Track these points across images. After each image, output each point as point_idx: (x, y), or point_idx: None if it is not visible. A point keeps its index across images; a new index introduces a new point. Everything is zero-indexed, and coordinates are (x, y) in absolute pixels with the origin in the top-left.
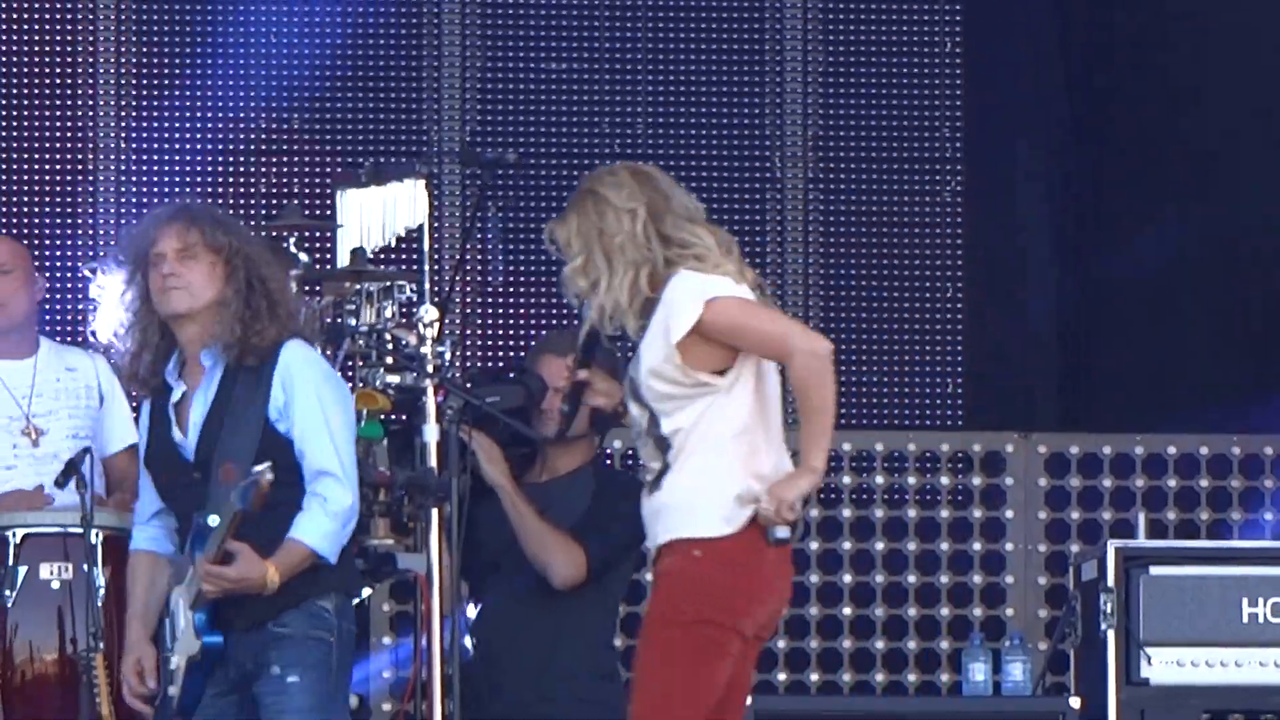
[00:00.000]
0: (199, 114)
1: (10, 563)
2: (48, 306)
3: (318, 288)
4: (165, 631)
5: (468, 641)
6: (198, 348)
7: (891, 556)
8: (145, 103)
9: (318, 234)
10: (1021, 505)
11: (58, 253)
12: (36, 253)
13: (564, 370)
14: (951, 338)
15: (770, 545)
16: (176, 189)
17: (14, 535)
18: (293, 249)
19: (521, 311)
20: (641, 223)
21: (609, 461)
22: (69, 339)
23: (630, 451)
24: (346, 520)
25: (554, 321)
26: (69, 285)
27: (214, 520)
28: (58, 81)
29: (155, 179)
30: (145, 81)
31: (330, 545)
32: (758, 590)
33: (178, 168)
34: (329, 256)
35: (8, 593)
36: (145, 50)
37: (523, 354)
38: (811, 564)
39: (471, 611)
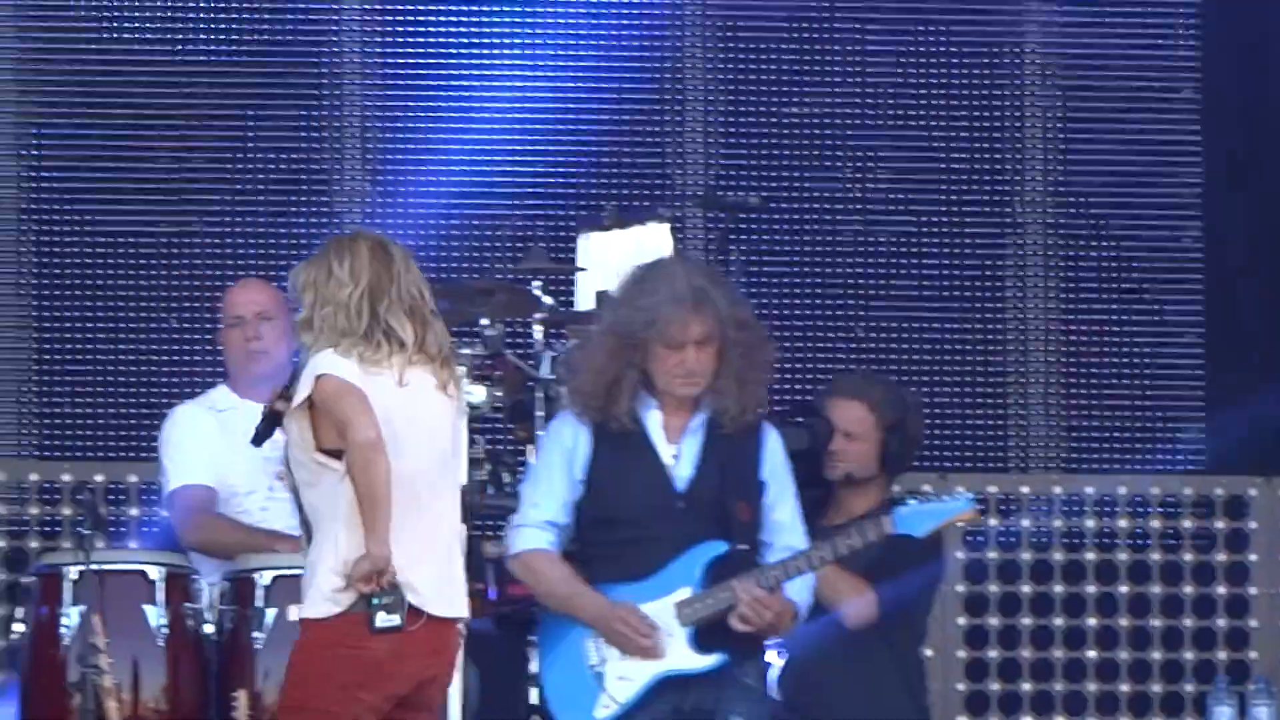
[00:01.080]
0: (444, 157)
1: (259, 604)
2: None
3: (560, 331)
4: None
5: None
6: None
7: (1135, 600)
8: (390, 145)
9: (561, 277)
10: (1265, 549)
11: None
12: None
13: (856, 412)
14: (1193, 382)
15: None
16: (421, 232)
17: (262, 577)
18: (537, 291)
19: None
20: (359, 295)
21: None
22: None
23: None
24: None
25: (797, 365)
26: None
27: (711, 550)
28: (304, 125)
29: (401, 221)
30: (390, 125)
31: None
32: None
33: (423, 210)
34: (572, 299)
35: (257, 634)
36: (390, 93)
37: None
38: (1056, 607)
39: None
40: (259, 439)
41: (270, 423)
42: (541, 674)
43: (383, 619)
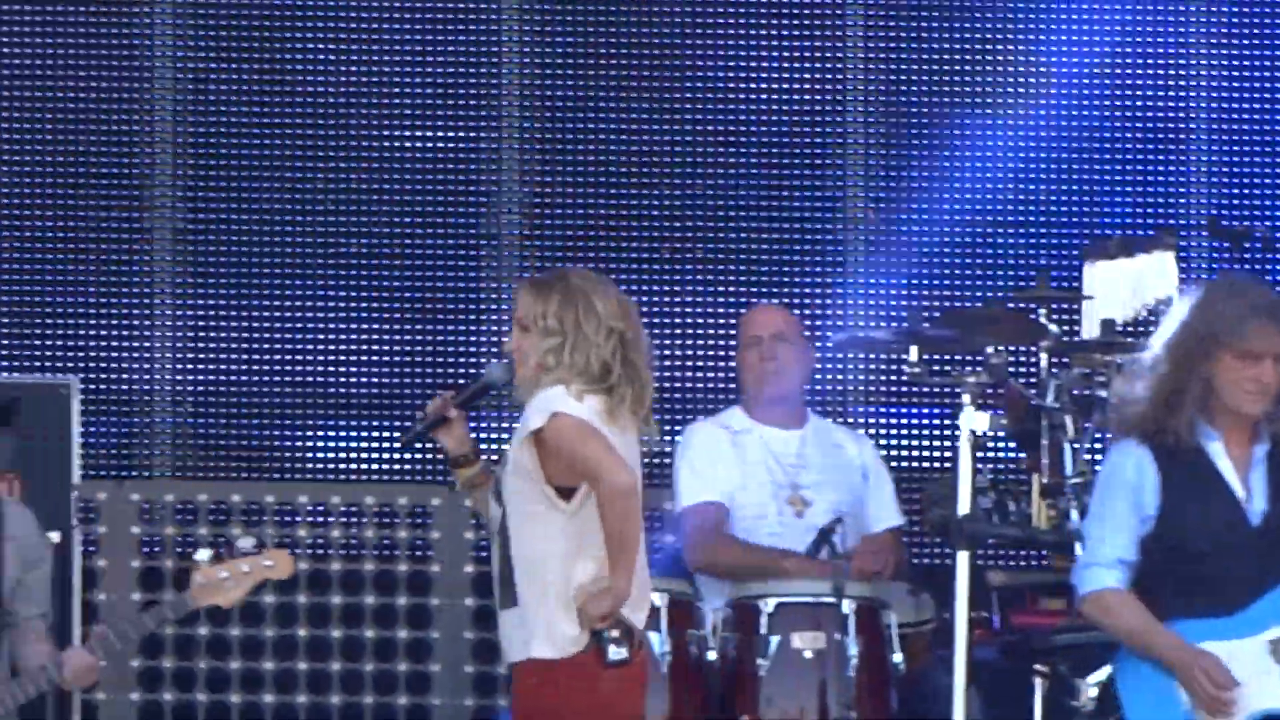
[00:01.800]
0: (946, 184)
1: (763, 631)
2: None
3: (1065, 359)
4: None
5: None
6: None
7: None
8: (893, 172)
9: (1066, 305)
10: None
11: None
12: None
13: None
14: None
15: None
16: (925, 258)
17: (766, 604)
18: (1043, 320)
19: None
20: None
21: None
22: (823, 411)
23: None
24: None
25: None
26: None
27: None
28: (811, 152)
29: (904, 248)
30: (893, 151)
31: None
32: None
33: (927, 236)
34: (1077, 328)
35: (760, 661)
36: (892, 118)
37: None
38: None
39: None
40: (412, 440)
41: (431, 426)
42: (1128, 715)
43: (614, 652)
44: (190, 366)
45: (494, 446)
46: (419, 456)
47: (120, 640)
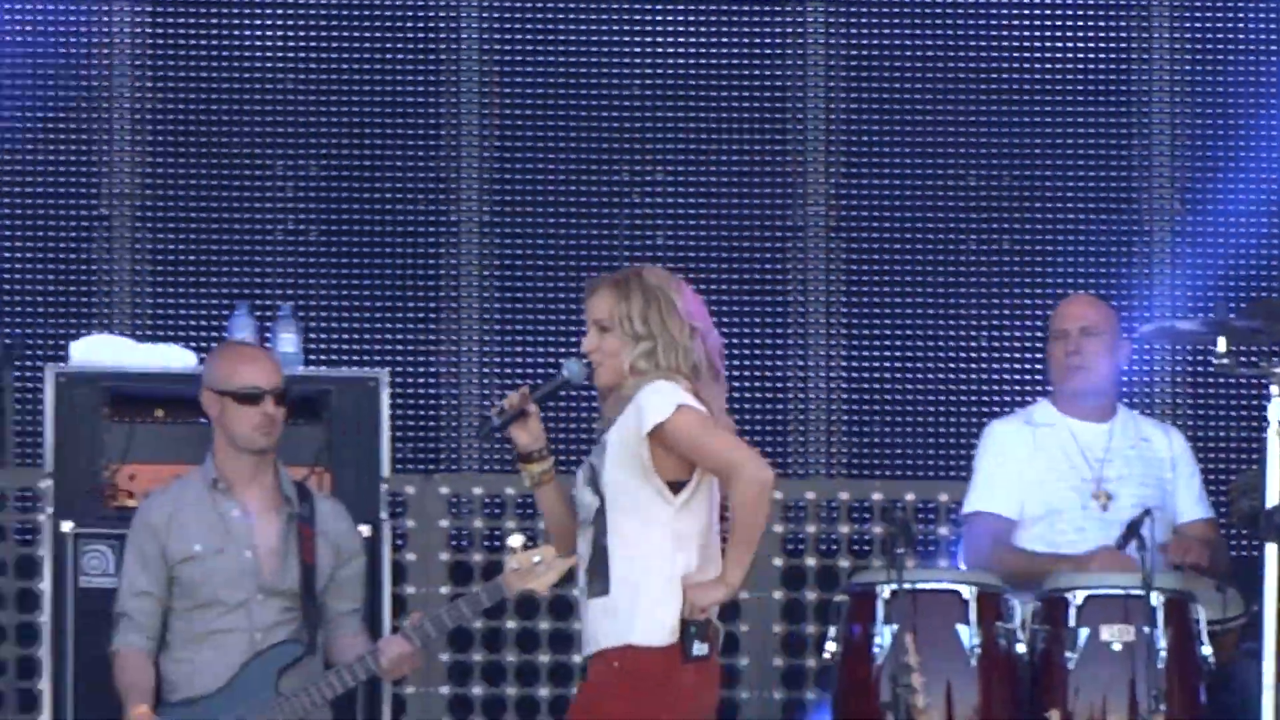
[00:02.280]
0: (1254, 172)
1: (1071, 624)
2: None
3: None
4: None
5: None
6: None
7: None
8: (1200, 162)
9: None
10: None
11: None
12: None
13: None
14: None
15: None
16: (1232, 250)
17: (1075, 597)
18: None
19: None
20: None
21: None
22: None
23: None
24: None
25: None
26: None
27: None
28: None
29: (1210, 240)
30: (1200, 140)
31: None
32: None
33: (1233, 228)
34: None
35: (1069, 654)
36: (1202, 108)
37: None
38: None
39: None
40: (490, 433)
41: (510, 420)
42: None
43: (698, 647)
44: (496, 360)
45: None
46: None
47: (435, 629)
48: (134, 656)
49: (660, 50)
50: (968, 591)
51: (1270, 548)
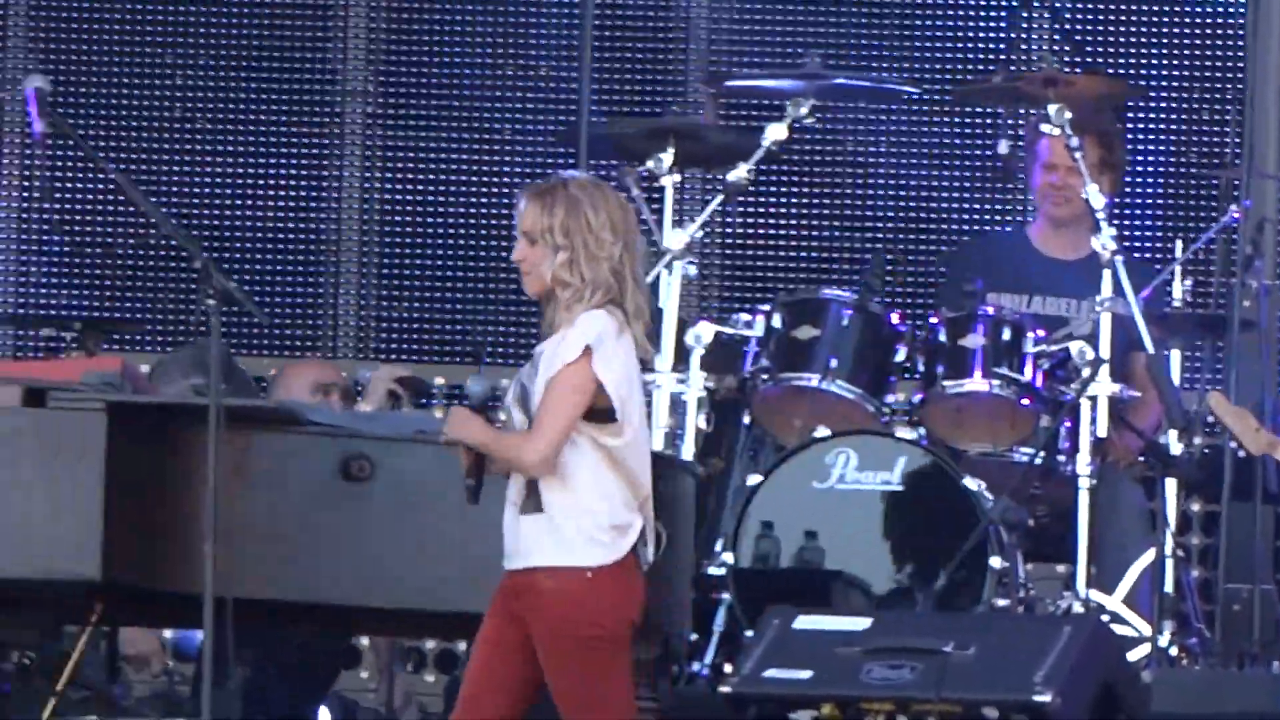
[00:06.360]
0: None
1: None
2: None
3: None
4: None
5: None
6: None
7: None
8: None
9: None
10: None
11: None
12: None
13: None
14: None
15: None
16: None
17: None
18: None
19: None
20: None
21: None
22: None
23: None
24: None
25: None
26: None
27: None
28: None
29: None
30: None
31: None
32: None
33: None
34: None
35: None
36: None
37: None
38: None
39: None
40: (479, 492)
41: (479, 472)
42: None
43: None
44: None
45: None
46: None
47: None
48: None
49: None
50: None
51: None
